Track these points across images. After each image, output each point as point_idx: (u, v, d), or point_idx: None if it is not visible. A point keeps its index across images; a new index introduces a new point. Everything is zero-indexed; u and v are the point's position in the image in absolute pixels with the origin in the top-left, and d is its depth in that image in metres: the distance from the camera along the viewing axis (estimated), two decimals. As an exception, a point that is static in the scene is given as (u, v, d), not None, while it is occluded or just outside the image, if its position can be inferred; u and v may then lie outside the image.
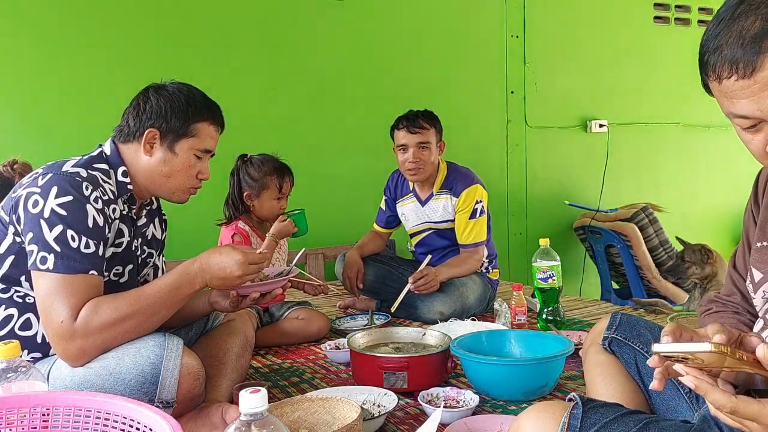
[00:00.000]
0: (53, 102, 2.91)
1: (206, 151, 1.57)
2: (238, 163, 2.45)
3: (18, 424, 0.97)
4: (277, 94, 3.40)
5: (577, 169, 4.38)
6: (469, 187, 2.68)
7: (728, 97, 0.85)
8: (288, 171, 2.45)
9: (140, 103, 1.53)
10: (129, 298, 1.36)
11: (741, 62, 0.81)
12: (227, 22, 3.27)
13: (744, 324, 1.07)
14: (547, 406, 0.94)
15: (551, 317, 2.36)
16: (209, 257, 1.45)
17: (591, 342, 1.37)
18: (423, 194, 2.77)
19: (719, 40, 0.83)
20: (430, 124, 2.64)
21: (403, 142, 2.63)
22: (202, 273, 1.44)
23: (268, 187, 2.40)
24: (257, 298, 1.59)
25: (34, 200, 1.35)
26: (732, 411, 0.76)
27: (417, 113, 2.66)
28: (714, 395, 0.77)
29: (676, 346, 0.79)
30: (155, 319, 1.39)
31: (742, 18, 0.81)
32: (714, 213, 4.88)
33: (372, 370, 1.76)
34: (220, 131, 1.62)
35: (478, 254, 2.68)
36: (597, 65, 4.39)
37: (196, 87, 1.59)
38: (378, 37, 3.67)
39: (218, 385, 1.60)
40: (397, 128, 2.65)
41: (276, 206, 2.43)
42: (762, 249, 1.02)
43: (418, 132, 2.60)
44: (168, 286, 1.41)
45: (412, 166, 2.63)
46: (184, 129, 1.52)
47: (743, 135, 0.88)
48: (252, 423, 0.85)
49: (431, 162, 2.66)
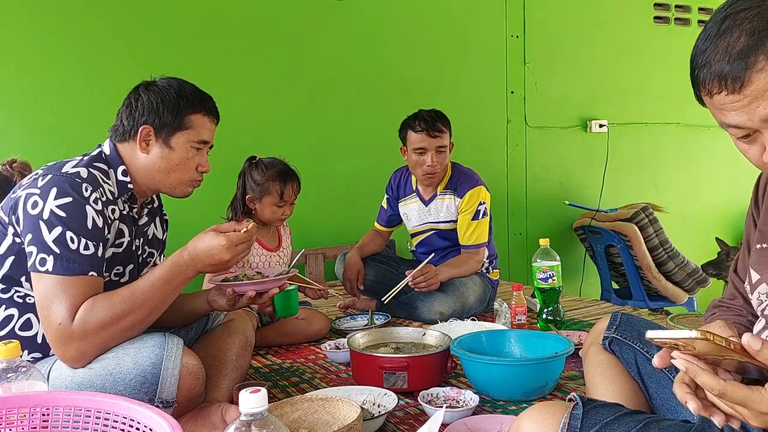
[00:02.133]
0: (53, 102, 2.90)
1: (203, 143, 1.56)
2: (246, 165, 2.44)
3: (18, 424, 0.97)
4: (277, 94, 3.39)
5: (577, 169, 4.38)
6: (473, 188, 2.67)
7: (720, 110, 0.86)
8: (292, 177, 2.40)
9: (132, 102, 1.53)
10: (123, 294, 1.36)
11: (729, 78, 0.82)
12: (227, 23, 3.27)
13: (744, 326, 1.08)
14: (548, 406, 0.94)
15: (551, 317, 2.36)
16: (195, 245, 1.42)
17: (591, 342, 1.37)
18: (426, 194, 2.77)
19: (707, 56, 0.84)
20: (446, 127, 2.62)
21: (421, 146, 2.58)
22: (192, 262, 1.42)
23: (270, 193, 2.36)
24: (254, 297, 1.58)
25: (34, 201, 1.35)
26: (720, 394, 0.77)
27: (433, 115, 2.60)
28: (703, 377, 0.78)
29: (666, 333, 0.80)
30: (151, 313, 1.39)
31: (727, 34, 0.82)
32: (714, 213, 4.88)
33: (372, 370, 1.75)
34: (215, 122, 1.60)
35: (479, 255, 2.67)
36: (597, 65, 4.39)
37: (186, 80, 1.58)
38: (378, 37, 3.67)
39: (218, 385, 1.60)
40: (414, 130, 2.59)
41: (278, 212, 2.39)
42: (761, 251, 1.02)
43: (438, 136, 2.57)
44: (160, 278, 1.40)
45: (430, 170, 2.60)
46: (177, 122, 1.51)
47: (739, 144, 0.90)
48: (252, 423, 0.85)
49: (445, 165, 2.66)
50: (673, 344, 0.81)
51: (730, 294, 1.17)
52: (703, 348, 0.79)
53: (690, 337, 0.77)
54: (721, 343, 0.77)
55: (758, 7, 0.81)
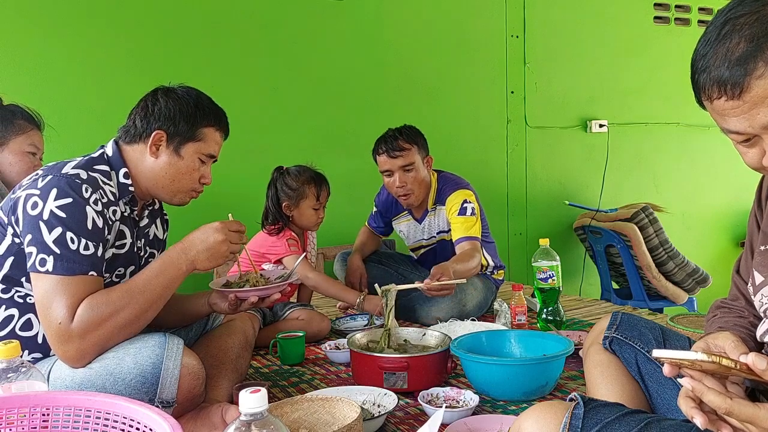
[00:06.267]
0: (54, 102, 2.90)
1: (210, 156, 1.59)
2: (275, 175, 2.50)
3: (18, 424, 0.97)
4: (277, 94, 3.39)
5: (577, 169, 4.37)
6: (453, 192, 2.60)
7: (720, 115, 0.86)
8: (324, 180, 2.50)
9: (148, 105, 1.53)
10: (119, 290, 1.37)
11: (728, 84, 0.82)
12: (227, 23, 3.26)
13: (744, 327, 1.07)
14: (549, 406, 0.94)
15: (551, 317, 2.36)
16: (189, 236, 1.47)
17: (591, 342, 1.37)
18: (418, 212, 2.72)
19: (707, 60, 0.84)
20: (411, 143, 2.51)
21: (385, 168, 2.53)
22: (185, 252, 1.44)
23: (306, 196, 2.44)
24: (255, 302, 1.59)
25: (34, 202, 1.35)
26: (727, 412, 0.77)
27: (395, 133, 2.53)
28: (709, 396, 0.78)
29: (674, 353, 0.81)
30: (148, 308, 1.39)
31: (726, 39, 0.82)
32: (714, 213, 4.88)
33: (372, 370, 1.75)
34: (224, 138, 1.63)
35: (476, 247, 2.54)
36: (597, 65, 4.39)
37: (204, 92, 1.60)
38: (378, 37, 3.67)
39: (218, 385, 1.60)
40: (378, 153, 2.54)
41: (314, 215, 2.48)
42: (765, 253, 1.02)
43: (400, 155, 2.49)
44: (153, 271, 1.41)
45: (402, 192, 2.54)
46: (191, 133, 1.53)
47: (739, 148, 0.90)
48: (252, 423, 0.85)
49: (420, 182, 2.55)
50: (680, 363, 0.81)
51: (732, 295, 1.17)
52: (710, 367, 0.79)
53: (697, 359, 0.77)
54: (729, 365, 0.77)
55: (758, 13, 0.81)
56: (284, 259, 2.40)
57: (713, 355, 0.78)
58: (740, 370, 0.78)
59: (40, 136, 2.18)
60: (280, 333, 2.17)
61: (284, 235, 2.44)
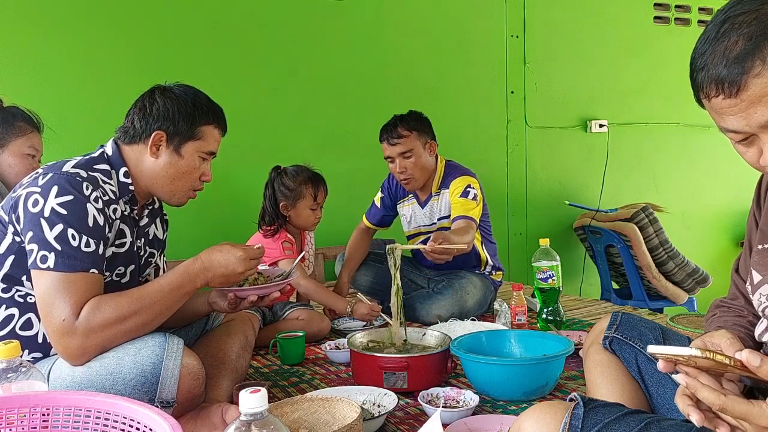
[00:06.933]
0: (54, 103, 2.90)
1: (210, 154, 1.59)
2: (272, 175, 2.50)
3: (18, 424, 0.97)
4: (277, 94, 3.39)
5: (577, 169, 4.38)
6: (458, 177, 2.63)
7: (718, 114, 0.86)
8: (322, 180, 2.50)
9: (146, 105, 1.53)
10: (130, 296, 1.37)
11: (726, 82, 0.82)
12: (227, 23, 3.26)
13: (743, 326, 1.08)
14: (548, 406, 0.94)
15: (551, 317, 2.36)
16: (210, 255, 1.46)
17: (591, 341, 1.37)
18: (423, 195, 2.76)
19: (705, 59, 0.84)
20: (409, 129, 2.56)
21: (387, 155, 2.61)
22: (204, 272, 1.45)
23: (304, 196, 2.44)
24: (255, 301, 1.60)
25: (34, 200, 1.35)
26: (721, 409, 0.78)
27: (396, 121, 2.59)
28: (703, 393, 0.78)
29: (668, 349, 0.81)
30: (156, 318, 1.40)
31: (725, 37, 0.82)
32: (714, 213, 4.88)
33: (372, 370, 1.75)
34: (223, 134, 1.64)
35: (470, 226, 2.48)
36: (597, 65, 4.39)
37: (200, 90, 1.60)
38: (378, 37, 3.67)
39: (218, 385, 1.60)
40: (381, 140, 2.63)
41: (312, 216, 2.47)
42: (763, 251, 1.02)
43: (398, 142, 2.55)
44: (169, 284, 1.41)
45: (402, 177, 2.61)
46: (190, 132, 1.53)
47: (737, 147, 0.90)
48: (252, 423, 0.85)
49: (421, 167, 2.60)
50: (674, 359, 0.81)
51: (731, 294, 1.17)
52: (705, 363, 0.80)
53: (691, 355, 0.78)
54: (723, 361, 0.78)
55: (757, 12, 0.81)
56: (279, 263, 2.39)
57: (707, 351, 0.78)
58: (735, 366, 0.78)
59: (40, 138, 2.19)
60: (280, 333, 2.17)
61: (279, 238, 2.44)
